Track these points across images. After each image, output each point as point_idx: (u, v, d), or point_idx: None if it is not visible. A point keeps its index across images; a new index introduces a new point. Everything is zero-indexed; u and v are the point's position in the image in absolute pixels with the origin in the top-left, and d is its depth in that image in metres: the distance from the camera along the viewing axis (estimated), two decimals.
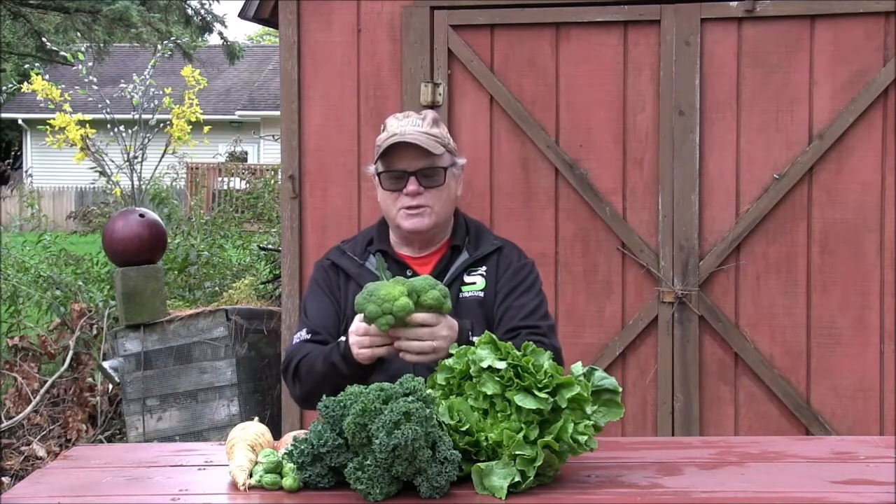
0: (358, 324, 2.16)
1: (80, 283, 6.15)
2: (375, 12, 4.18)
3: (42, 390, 5.28)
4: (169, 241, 6.00)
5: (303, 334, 2.42)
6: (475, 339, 2.13)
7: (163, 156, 8.17)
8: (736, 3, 3.97)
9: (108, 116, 8.20)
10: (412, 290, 2.09)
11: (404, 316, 2.08)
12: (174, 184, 9.74)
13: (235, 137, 12.47)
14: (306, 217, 4.25)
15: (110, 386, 5.25)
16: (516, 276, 2.45)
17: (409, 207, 2.39)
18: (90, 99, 8.73)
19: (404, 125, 2.40)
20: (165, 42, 10.78)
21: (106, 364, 4.86)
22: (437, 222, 2.43)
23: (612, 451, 2.10)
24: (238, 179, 9.66)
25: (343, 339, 2.26)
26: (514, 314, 2.39)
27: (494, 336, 1.95)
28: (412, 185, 2.38)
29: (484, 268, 2.45)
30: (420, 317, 2.10)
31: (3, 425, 5.12)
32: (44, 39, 11.54)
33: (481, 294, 2.41)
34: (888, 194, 3.93)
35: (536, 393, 1.83)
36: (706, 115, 4.00)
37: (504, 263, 2.46)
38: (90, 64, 9.59)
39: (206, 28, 12.37)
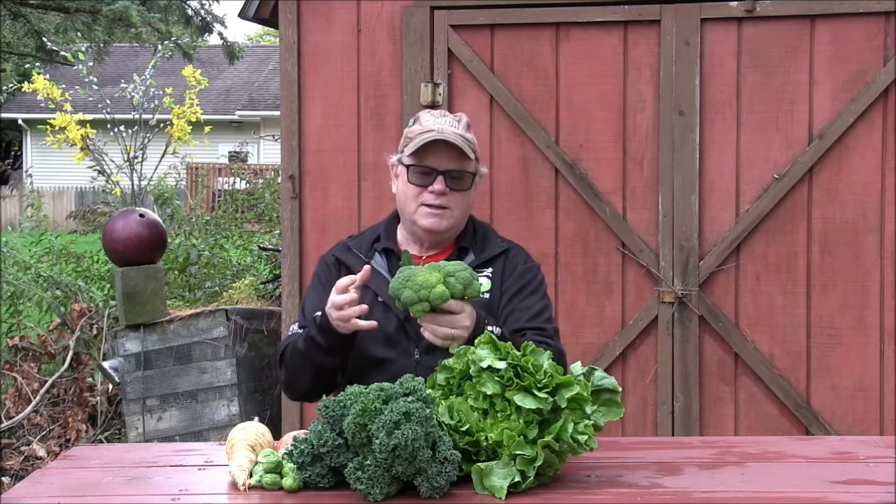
0: (334, 297, 2.18)
1: (81, 282, 6.14)
2: (375, 12, 4.18)
3: (42, 390, 5.28)
4: (169, 240, 6.00)
5: (295, 328, 2.42)
6: (490, 328, 2.14)
7: (163, 156, 8.17)
8: (736, 3, 3.97)
9: (108, 116, 8.20)
10: (447, 275, 2.10)
11: (440, 304, 2.09)
12: (176, 184, 9.75)
13: (242, 140, 12.51)
14: (306, 217, 4.25)
15: (110, 386, 5.25)
16: (522, 277, 2.44)
17: (430, 205, 2.37)
18: (90, 99, 8.74)
19: (441, 123, 2.39)
20: (165, 42, 10.78)
21: (106, 364, 4.86)
22: (453, 226, 2.42)
23: (612, 451, 2.10)
24: (238, 179, 9.66)
25: (319, 314, 2.27)
26: (519, 315, 2.38)
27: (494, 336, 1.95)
28: (439, 185, 2.36)
29: (490, 269, 2.43)
30: (450, 304, 2.11)
31: (3, 425, 5.12)
32: (44, 39, 11.52)
33: (487, 295, 2.40)
34: (888, 194, 3.93)
35: (536, 393, 1.83)
36: (706, 115, 4.00)
37: (510, 266, 2.45)
38: (90, 64, 9.59)
39: (206, 28, 12.35)
